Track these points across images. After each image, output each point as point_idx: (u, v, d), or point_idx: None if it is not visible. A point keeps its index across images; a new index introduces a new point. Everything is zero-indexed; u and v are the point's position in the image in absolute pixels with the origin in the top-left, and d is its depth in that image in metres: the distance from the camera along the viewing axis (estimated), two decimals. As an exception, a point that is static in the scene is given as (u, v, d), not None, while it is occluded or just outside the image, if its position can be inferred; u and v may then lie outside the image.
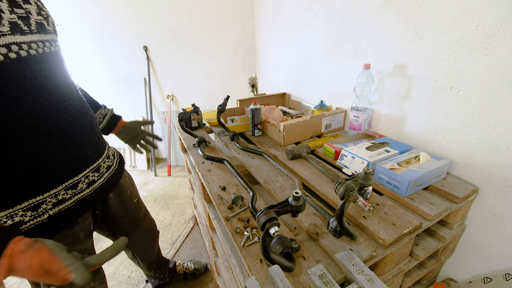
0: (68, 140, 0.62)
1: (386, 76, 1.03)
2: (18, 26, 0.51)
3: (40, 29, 0.57)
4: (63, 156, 0.61)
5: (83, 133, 0.66)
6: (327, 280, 0.49)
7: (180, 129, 1.35)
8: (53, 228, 0.61)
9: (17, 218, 0.56)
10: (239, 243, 0.61)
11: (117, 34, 2.28)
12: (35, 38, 0.55)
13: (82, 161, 0.66)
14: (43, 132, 0.57)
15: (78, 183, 0.65)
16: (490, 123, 0.74)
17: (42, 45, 0.57)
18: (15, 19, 0.50)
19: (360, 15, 1.09)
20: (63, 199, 0.62)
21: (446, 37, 0.79)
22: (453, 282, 0.92)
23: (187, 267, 1.40)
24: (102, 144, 0.76)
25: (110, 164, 0.77)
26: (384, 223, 0.63)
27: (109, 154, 0.79)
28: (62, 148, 0.61)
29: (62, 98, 0.61)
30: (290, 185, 0.82)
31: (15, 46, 0.50)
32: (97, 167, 0.71)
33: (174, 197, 2.24)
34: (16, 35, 0.50)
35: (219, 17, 2.27)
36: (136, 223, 1.00)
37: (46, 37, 0.59)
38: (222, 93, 2.54)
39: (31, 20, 0.55)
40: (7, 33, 0.49)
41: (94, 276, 0.79)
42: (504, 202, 0.75)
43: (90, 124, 0.70)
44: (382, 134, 1.10)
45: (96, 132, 0.73)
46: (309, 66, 1.54)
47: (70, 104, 0.63)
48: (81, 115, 0.66)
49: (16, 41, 0.50)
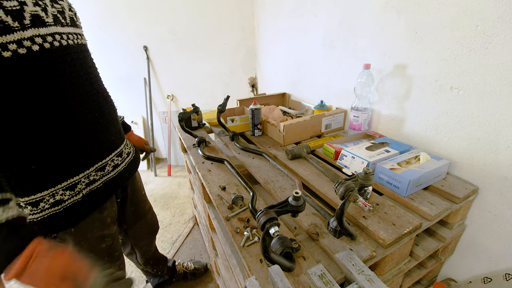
0: (98, 125, 0.67)
1: (386, 76, 1.03)
2: (58, 19, 0.57)
3: (73, 23, 0.63)
4: (94, 139, 0.66)
5: (109, 119, 0.72)
6: (327, 280, 0.49)
7: (180, 129, 1.35)
8: (86, 208, 0.66)
9: (58, 196, 0.61)
10: (239, 243, 0.61)
11: (117, 34, 2.28)
12: (71, 30, 0.61)
13: (108, 145, 0.72)
14: (79, 117, 0.62)
15: (106, 166, 0.70)
16: (490, 123, 0.74)
17: (76, 36, 0.63)
18: (56, 12, 0.57)
19: (360, 15, 1.09)
20: (94, 180, 0.67)
21: (446, 37, 0.79)
22: (453, 282, 0.92)
23: (187, 266, 1.40)
24: (122, 131, 0.82)
25: (129, 150, 0.83)
26: (384, 223, 0.63)
27: (127, 142, 0.85)
28: (93, 132, 0.66)
29: (93, 86, 0.67)
30: (290, 185, 0.82)
31: (58, 36, 0.56)
32: (120, 152, 0.77)
33: (174, 197, 2.24)
34: (58, 26, 0.56)
35: (219, 17, 2.27)
36: (140, 214, 1.03)
37: (77, 31, 0.66)
38: (222, 93, 2.54)
39: (66, 15, 0.61)
40: (52, 24, 0.55)
41: (115, 261, 0.84)
42: (504, 202, 0.75)
43: (114, 111, 0.77)
44: (382, 134, 1.10)
45: (117, 120, 0.80)
46: (309, 66, 1.55)
47: (99, 92, 0.69)
48: (107, 103, 0.72)
49: (58, 31, 0.56)
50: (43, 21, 0.52)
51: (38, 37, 0.51)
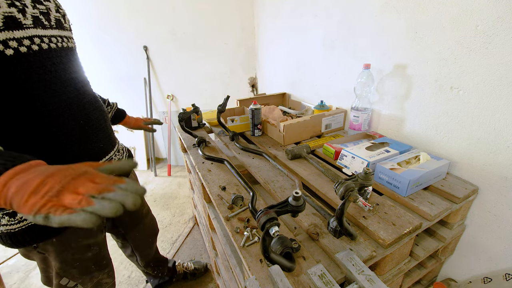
0: (84, 133, 0.64)
1: (386, 76, 1.03)
2: (40, 21, 0.54)
3: (58, 25, 0.60)
4: (79, 147, 0.63)
5: (97, 126, 0.69)
6: (327, 280, 0.49)
7: (180, 129, 1.35)
8: None
9: None
10: (239, 243, 0.61)
11: (117, 34, 2.28)
12: (55, 33, 0.58)
13: (96, 153, 0.69)
14: (60, 124, 0.59)
15: None
16: (490, 123, 0.74)
17: (61, 40, 0.60)
18: (37, 14, 0.54)
19: (360, 15, 1.09)
20: None
21: (446, 37, 0.79)
22: (453, 282, 0.92)
23: (187, 266, 1.40)
24: (113, 138, 0.79)
25: (120, 157, 0.80)
26: (384, 223, 0.63)
27: (119, 149, 0.82)
28: (78, 140, 0.63)
29: (78, 91, 0.63)
30: (290, 185, 0.82)
31: (37, 39, 0.53)
32: (109, 159, 0.74)
33: (174, 197, 2.24)
34: (38, 28, 0.53)
35: (219, 17, 2.27)
36: (138, 218, 1.01)
37: (64, 33, 0.62)
38: (222, 93, 2.54)
39: (51, 16, 0.58)
40: (30, 26, 0.52)
41: (103, 269, 0.80)
42: (504, 202, 0.75)
43: (103, 117, 0.73)
44: (382, 134, 1.10)
45: (108, 126, 0.76)
46: (309, 66, 1.54)
47: (85, 98, 0.66)
48: (94, 109, 0.69)
49: (38, 34, 0.53)
50: (19, 23, 0.49)
51: (12, 41, 0.48)
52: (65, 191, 0.33)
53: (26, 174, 0.36)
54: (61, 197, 0.33)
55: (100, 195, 0.33)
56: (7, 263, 1.60)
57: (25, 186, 0.34)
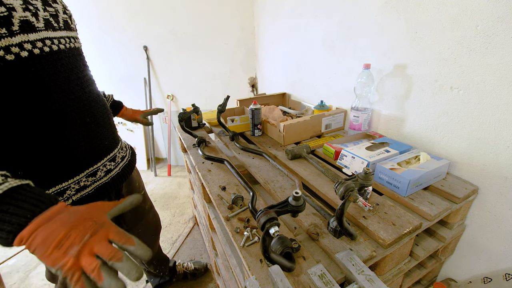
0: (89, 130, 0.66)
1: (386, 76, 1.03)
2: (50, 23, 0.56)
3: (66, 26, 0.62)
4: (84, 145, 0.65)
5: (101, 123, 0.71)
6: (327, 280, 0.49)
7: (180, 129, 1.35)
8: None
9: None
10: (239, 243, 0.61)
11: (117, 34, 2.28)
12: (63, 34, 0.60)
13: (100, 150, 0.70)
14: (69, 122, 0.60)
15: (97, 171, 0.69)
16: (490, 123, 0.74)
17: (69, 40, 0.62)
18: (48, 16, 0.55)
19: (360, 15, 1.09)
20: (85, 185, 0.65)
21: (446, 37, 0.79)
22: (453, 282, 0.92)
23: (187, 266, 1.40)
24: (116, 135, 0.81)
25: (124, 154, 0.81)
26: (384, 223, 0.63)
27: (123, 146, 0.83)
28: (83, 137, 0.64)
29: (84, 90, 0.65)
30: (290, 185, 0.82)
31: (48, 41, 0.55)
32: (113, 157, 0.75)
33: (174, 197, 2.24)
34: (49, 30, 0.55)
35: (219, 17, 2.27)
36: (141, 214, 1.02)
37: (71, 34, 0.64)
38: (222, 93, 2.54)
39: (59, 18, 0.60)
40: (42, 28, 0.53)
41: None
42: (504, 202, 0.75)
43: (107, 115, 0.75)
44: (382, 134, 1.10)
45: (112, 123, 0.78)
46: (309, 66, 1.54)
47: (91, 96, 0.68)
48: (99, 107, 0.71)
49: (49, 36, 0.55)
50: (33, 27, 0.51)
51: (27, 43, 0.50)
52: (84, 251, 0.38)
53: (51, 223, 0.39)
54: (80, 256, 0.37)
55: (111, 261, 0.38)
56: (7, 263, 1.60)
57: (50, 238, 0.38)
